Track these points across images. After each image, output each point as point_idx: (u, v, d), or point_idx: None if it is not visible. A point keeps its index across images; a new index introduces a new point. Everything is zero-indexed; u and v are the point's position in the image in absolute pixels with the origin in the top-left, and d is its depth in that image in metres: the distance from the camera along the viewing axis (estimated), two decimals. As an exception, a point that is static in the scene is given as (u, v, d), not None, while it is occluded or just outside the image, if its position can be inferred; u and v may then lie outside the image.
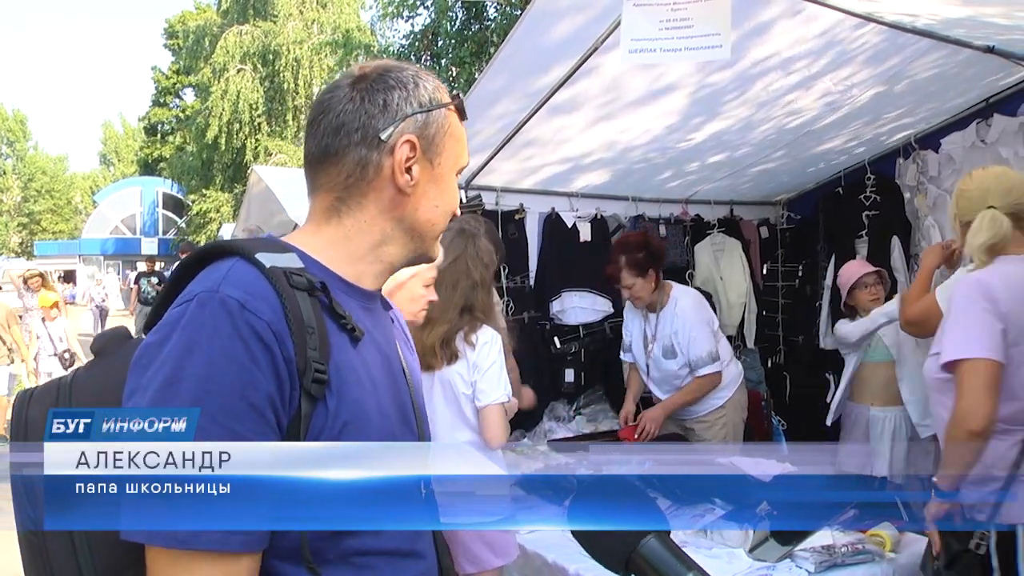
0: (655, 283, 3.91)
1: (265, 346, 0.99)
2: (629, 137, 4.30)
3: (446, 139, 1.21)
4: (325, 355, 1.04)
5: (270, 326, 1.00)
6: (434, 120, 1.19)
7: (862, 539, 2.53)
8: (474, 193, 4.59)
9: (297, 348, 1.01)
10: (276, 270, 1.05)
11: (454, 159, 1.23)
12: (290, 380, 1.01)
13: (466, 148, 1.27)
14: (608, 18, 3.32)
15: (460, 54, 16.10)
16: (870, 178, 4.84)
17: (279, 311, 1.02)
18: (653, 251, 3.90)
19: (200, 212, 28.21)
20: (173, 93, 41.60)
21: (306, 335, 1.03)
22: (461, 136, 1.25)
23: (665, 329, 3.99)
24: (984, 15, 3.18)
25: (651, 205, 5.27)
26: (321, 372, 1.03)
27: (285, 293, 1.03)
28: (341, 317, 1.10)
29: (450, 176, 1.23)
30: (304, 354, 1.02)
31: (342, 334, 1.10)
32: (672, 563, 1.02)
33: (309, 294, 1.06)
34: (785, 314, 5.55)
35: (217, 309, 0.99)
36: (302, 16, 26.57)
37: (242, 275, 1.04)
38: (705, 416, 4.07)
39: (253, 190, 8.30)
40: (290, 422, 1.01)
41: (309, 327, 1.03)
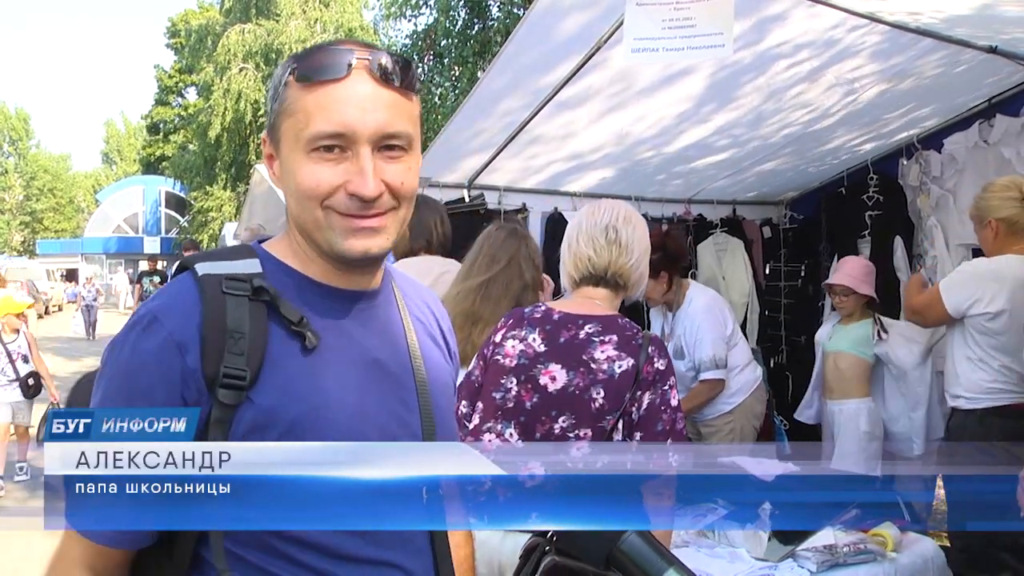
0: (667, 284, 3.88)
1: (160, 358, 1.03)
2: (639, 128, 4.29)
3: (282, 119, 1.08)
4: (256, 359, 1.04)
5: (172, 337, 1.03)
6: (276, 108, 1.09)
7: (864, 539, 2.52)
8: (477, 192, 4.59)
9: (207, 356, 1.02)
10: (210, 278, 1.07)
11: (293, 137, 1.07)
12: (195, 387, 1.02)
13: (321, 112, 1.04)
14: (611, 16, 3.32)
15: (463, 53, 16.11)
16: (873, 178, 4.83)
17: (194, 320, 1.04)
18: (669, 252, 3.84)
19: (202, 211, 28.24)
20: (176, 92, 41.65)
21: (226, 341, 1.03)
22: (302, 106, 1.05)
23: (678, 329, 3.99)
24: (998, 4, 3.17)
25: (654, 205, 5.27)
26: (235, 378, 1.02)
27: (209, 301, 1.05)
28: (291, 323, 1.07)
29: (292, 157, 1.07)
30: (216, 361, 1.02)
31: (293, 339, 1.07)
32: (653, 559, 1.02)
33: (251, 299, 1.06)
34: (788, 314, 5.55)
35: (135, 323, 1.07)
36: (305, 15, 26.56)
37: (174, 287, 1.10)
38: (712, 420, 4.04)
39: (255, 189, 8.32)
40: (204, 429, 1.00)
41: (236, 332, 1.03)
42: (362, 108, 1.04)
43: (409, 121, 1.09)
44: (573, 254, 2.21)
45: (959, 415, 3.30)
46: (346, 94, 1.04)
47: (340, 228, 1.07)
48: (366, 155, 1.05)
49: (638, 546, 1.02)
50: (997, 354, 3.17)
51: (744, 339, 4.29)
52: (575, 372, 2.07)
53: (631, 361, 2.04)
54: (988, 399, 3.19)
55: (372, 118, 1.04)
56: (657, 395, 2.04)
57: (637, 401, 2.03)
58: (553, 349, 2.11)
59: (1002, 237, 3.23)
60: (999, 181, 3.35)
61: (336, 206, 1.06)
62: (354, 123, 1.04)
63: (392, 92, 1.07)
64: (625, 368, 2.04)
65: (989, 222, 3.24)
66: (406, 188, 1.09)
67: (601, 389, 2.05)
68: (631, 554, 1.02)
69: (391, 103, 1.07)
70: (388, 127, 1.06)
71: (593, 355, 2.07)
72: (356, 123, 1.04)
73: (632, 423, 2.05)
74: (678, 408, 2.08)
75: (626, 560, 1.01)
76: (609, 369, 2.05)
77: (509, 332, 2.18)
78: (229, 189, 27.61)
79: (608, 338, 2.09)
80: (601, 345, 2.08)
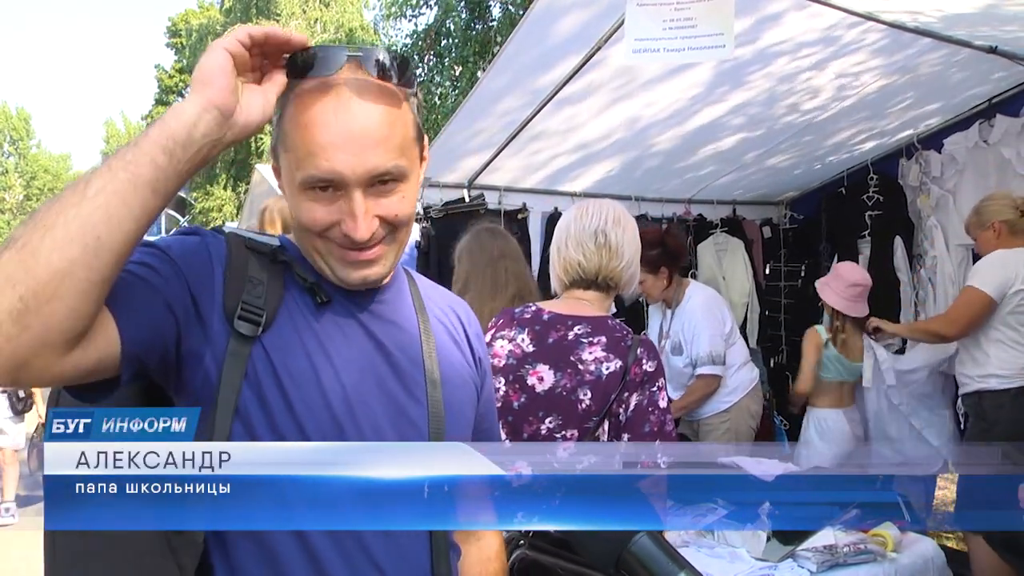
0: (667, 280, 3.92)
1: (209, 253, 1.09)
2: (644, 117, 4.26)
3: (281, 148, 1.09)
4: (272, 307, 1.10)
5: (208, 247, 1.10)
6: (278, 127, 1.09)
7: (864, 539, 2.52)
8: (476, 192, 4.59)
9: (229, 290, 1.08)
10: (234, 235, 1.14)
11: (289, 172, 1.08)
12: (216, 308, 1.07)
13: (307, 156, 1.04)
14: (612, 15, 3.32)
15: (464, 53, 16.13)
16: (873, 178, 4.83)
17: (221, 255, 1.10)
18: (669, 249, 3.88)
19: (203, 211, 28.24)
20: (176, 92, 41.61)
21: (245, 284, 1.09)
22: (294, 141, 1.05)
23: (676, 325, 4.01)
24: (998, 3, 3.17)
25: (654, 204, 5.27)
26: (253, 313, 1.07)
27: (234, 250, 1.11)
28: (305, 280, 1.13)
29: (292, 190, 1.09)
30: (236, 297, 1.07)
31: (304, 296, 1.13)
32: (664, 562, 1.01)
33: (271, 260, 1.13)
34: (788, 314, 5.55)
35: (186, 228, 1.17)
36: (305, 15, 26.58)
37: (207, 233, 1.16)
38: (708, 419, 4.05)
39: (256, 189, 8.32)
40: (223, 359, 1.06)
41: (255, 279, 1.10)
42: (351, 151, 1.03)
43: (402, 148, 1.08)
44: (563, 259, 2.19)
45: (991, 396, 3.46)
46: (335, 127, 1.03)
47: (338, 258, 1.11)
48: (358, 199, 1.06)
49: (649, 549, 1.01)
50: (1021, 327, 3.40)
51: (742, 339, 4.29)
52: (563, 373, 2.06)
53: (619, 363, 2.04)
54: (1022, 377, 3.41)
55: (362, 162, 1.04)
56: (645, 396, 2.03)
57: (624, 403, 2.02)
58: (542, 350, 2.10)
59: (1004, 237, 3.48)
60: (996, 193, 3.70)
61: (334, 238, 1.09)
62: (343, 170, 1.04)
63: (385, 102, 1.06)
64: (613, 369, 2.03)
65: (992, 224, 3.49)
66: (401, 218, 1.11)
67: (588, 390, 2.04)
68: (641, 557, 1.01)
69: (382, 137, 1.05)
70: (378, 168, 1.05)
71: (581, 356, 2.07)
72: (345, 169, 1.04)
73: (619, 424, 2.03)
74: (667, 410, 2.06)
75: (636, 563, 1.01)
76: (597, 370, 2.05)
77: (499, 332, 2.18)
78: (229, 189, 27.62)
79: (597, 339, 2.08)
80: (590, 346, 2.08)
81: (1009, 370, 3.43)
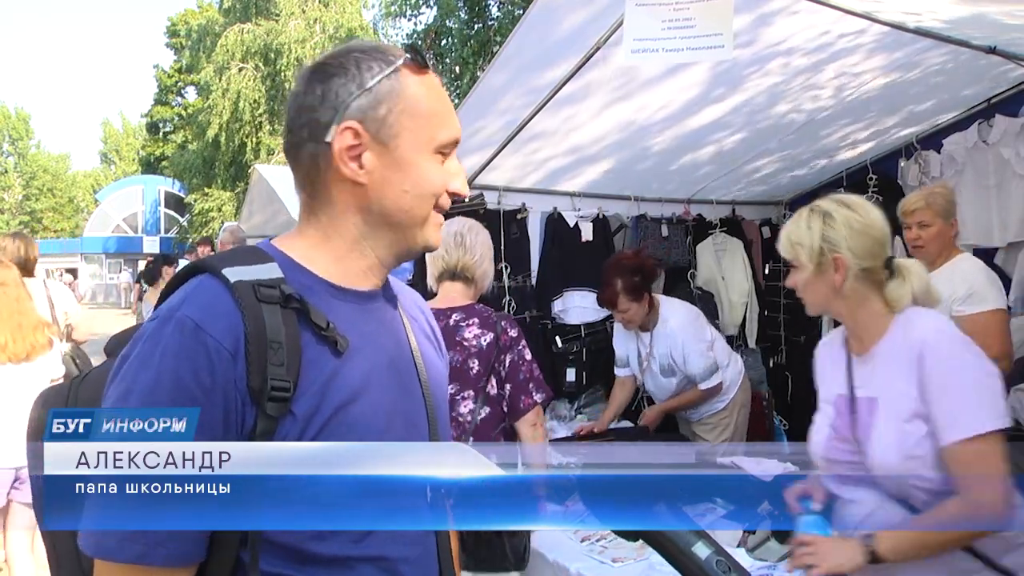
0: (648, 305, 3.86)
1: (212, 367, 0.99)
2: (639, 123, 4.27)
3: (401, 117, 1.10)
4: (294, 368, 1.02)
5: (221, 345, 0.99)
6: (383, 100, 1.10)
7: (863, 539, 2.52)
8: (476, 192, 4.58)
9: (252, 367, 1.00)
10: (243, 284, 1.04)
11: (418, 137, 1.12)
12: (240, 400, 1.00)
13: (444, 118, 1.14)
14: (612, 14, 3.32)
15: (463, 53, 16.12)
16: (872, 178, 4.83)
17: (238, 328, 1.01)
18: (647, 273, 3.82)
19: (202, 211, 28.22)
20: (175, 91, 41.67)
21: (267, 351, 1.01)
22: (428, 109, 1.12)
23: (660, 348, 3.95)
24: (989, 13, 3.17)
25: (653, 205, 5.26)
26: (281, 390, 1.00)
27: (248, 309, 1.02)
28: (321, 328, 1.06)
29: (417, 156, 1.12)
30: (262, 372, 1.00)
31: (322, 344, 1.06)
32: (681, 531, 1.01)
33: (282, 307, 1.04)
34: (787, 314, 5.54)
35: (173, 329, 1.00)
36: (304, 15, 26.57)
37: (205, 293, 1.04)
38: (708, 419, 4.07)
39: (255, 189, 8.31)
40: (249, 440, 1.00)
41: (274, 342, 1.01)
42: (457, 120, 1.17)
43: None
44: (434, 257, 2.85)
45: None
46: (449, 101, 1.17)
47: (435, 223, 1.17)
48: (456, 160, 1.18)
49: None
50: None
51: (720, 336, 4.26)
52: (454, 351, 2.61)
53: (491, 335, 2.70)
54: None
55: None
56: (515, 354, 2.73)
57: (501, 362, 2.71)
58: None
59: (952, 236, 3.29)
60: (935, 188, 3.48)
61: (442, 203, 1.17)
62: (459, 134, 1.17)
63: None
64: (489, 340, 2.70)
65: (953, 221, 3.27)
66: None
67: (476, 360, 2.69)
68: None
69: None
70: None
71: (464, 336, 2.71)
72: (459, 134, 1.17)
73: (502, 378, 2.71)
74: (532, 361, 2.76)
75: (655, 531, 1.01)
76: (478, 343, 2.70)
77: None
78: (228, 189, 27.62)
79: (471, 321, 2.73)
80: (468, 327, 2.72)
81: None
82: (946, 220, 3.23)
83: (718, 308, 5.38)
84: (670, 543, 1.01)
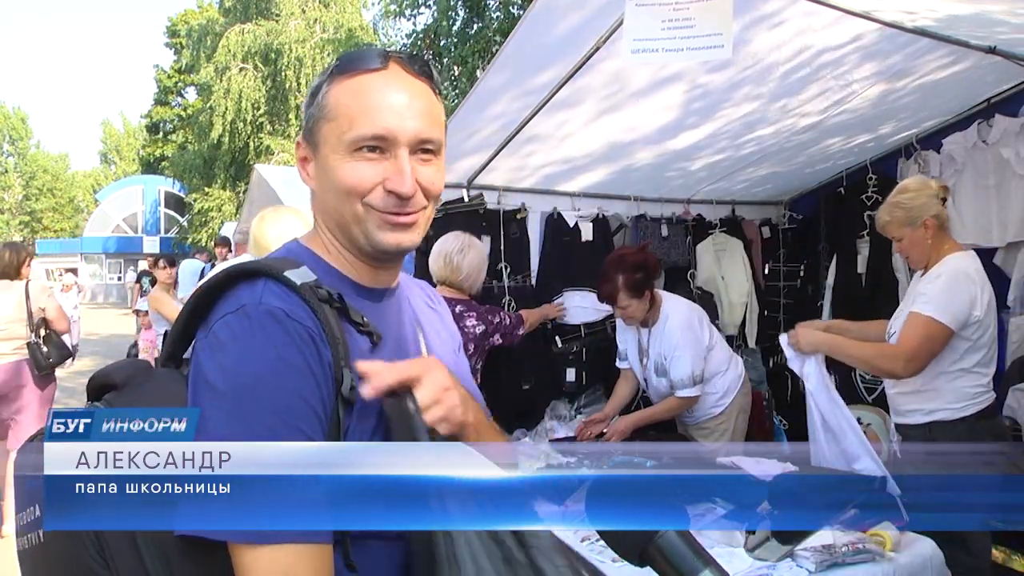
0: (649, 302, 3.84)
1: (316, 351, 1.06)
2: (633, 132, 4.28)
3: (320, 124, 1.17)
4: (348, 363, 1.08)
5: (311, 332, 1.07)
6: (313, 112, 1.18)
7: (863, 538, 2.53)
8: (475, 192, 4.59)
9: (333, 356, 1.07)
10: (305, 286, 1.10)
11: (333, 140, 1.15)
12: (328, 386, 1.06)
13: (361, 116, 1.14)
14: (611, 15, 3.32)
15: (462, 53, 16.11)
16: (872, 178, 4.84)
17: (316, 321, 1.08)
18: (649, 270, 3.79)
19: (202, 211, 28.23)
20: (175, 92, 41.65)
21: (337, 345, 1.08)
22: (345, 111, 1.14)
23: (656, 347, 3.93)
24: (989, 12, 3.17)
25: (653, 204, 5.26)
26: (352, 383, 1.07)
27: (316, 306, 1.09)
28: (359, 324, 1.14)
29: (333, 158, 1.15)
30: (339, 362, 1.07)
31: (361, 338, 1.14)
32: (688, 557, 1.00)
33: (329, 306, 1.11)
34: (787, 314, 5.54)
35: (265, 318, 1.05)
36: (304, 15, 26.58)
37: (276, 291, 1.10)
38: (705, 423, 4.05)
39: (255, 189, 8.32)
40: (329, 427, 1.06)
41: (337, 338, 1.08)
42: (401, 115, 1.14)
43: (439, 127, 1.19)
44: (430, 263, 3.76)
45: (944, 427, 3.06)
46: (387, 97, 1.14)
47: (377, 222, 1.16)
48: (404, 157, 1.14)
49: (674, 543, 1.01)
50: (972, 355, 3.03)
51: (721, 338, 4.21)
52: None
53: (483, 326, 3.68)
54: (974, 404, 3.05)
55: (411, 124, 1.14)
56: (500, 330, 3.77)
57: (491, 340, 3.74)
58: None
59: (935, 236, 3.12)
60: (910, 183, 3.27)
61: (374, 203, 1.15)
62: (395, 128, 1.13)
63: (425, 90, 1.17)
64: (482, 329, 3.67)
65: (925, 222, 3.10)
66: (436, 188, 1.19)
67: (471, 344, 3.56)
68: (666, 551, 1.01)
69: (425, 110, 1.16)
70: (423, 133, 1.15)
71: (465, 324, 3.59)
72: (396, 128, 1.13)
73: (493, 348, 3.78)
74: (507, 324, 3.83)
75: (660, 557, 1.00)
76: (473, 332, 3.62)
77: None
78: (228, 189, 27.62)
79: (471, 313, 3.67)
80: (468, 318, 3.63)
81: (960, 401, 3.05)
82: (913, 226, 3.12)
83: (718, 308, 5.38)
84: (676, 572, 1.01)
